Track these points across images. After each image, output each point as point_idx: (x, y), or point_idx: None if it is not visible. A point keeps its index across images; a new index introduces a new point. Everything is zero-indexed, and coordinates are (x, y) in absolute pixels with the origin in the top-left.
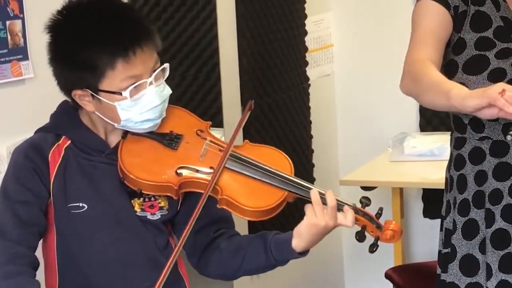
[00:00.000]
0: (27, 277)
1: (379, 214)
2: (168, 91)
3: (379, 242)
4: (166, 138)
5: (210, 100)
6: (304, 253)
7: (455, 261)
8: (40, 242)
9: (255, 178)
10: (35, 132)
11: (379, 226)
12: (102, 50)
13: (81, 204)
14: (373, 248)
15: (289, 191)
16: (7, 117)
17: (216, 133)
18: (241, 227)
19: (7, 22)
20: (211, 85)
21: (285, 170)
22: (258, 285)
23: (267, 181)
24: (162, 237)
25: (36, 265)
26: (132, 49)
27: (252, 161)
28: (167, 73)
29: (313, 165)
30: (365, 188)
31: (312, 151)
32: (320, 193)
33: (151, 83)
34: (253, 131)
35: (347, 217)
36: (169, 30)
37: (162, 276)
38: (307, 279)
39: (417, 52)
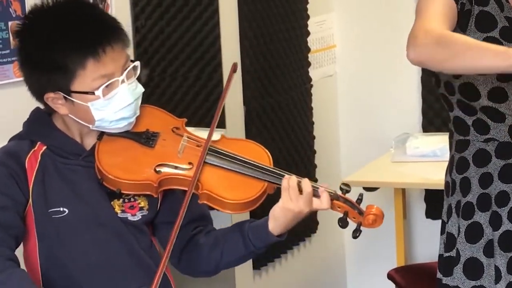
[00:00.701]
0: (13, 268)
1: (359, 199)
2: (140, 89)
3: (361, 228)
4: (142, 137)
5: (212, 100)
6: (281, 235)
7: (458, 264)
8: (21, 250)
9: (234, 171)
10: (9, 141)
11: (360, 212)
12: (71, 50)
13: (61, 209)
14: (356, 233)
15: (269, 181)
16: (9, 118)
17: (218, 133)
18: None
19: (9, 23)
20: (213, 86)
21: (263, 162)
22: (260, 285)
23: (246, 173)
24: (144, 238)
25: (17, 262)
26: (101, 47)
27: (230, 154)
28: (138, 71)
29: (315, 166)
30: (367, 189)
31: (315, 151)
32: (297, 180)
33: (123, 81)
34: (255, 132)
35: (322, 200)
36: (172, 30)
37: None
38: (309, 280)
39: (431, 24)
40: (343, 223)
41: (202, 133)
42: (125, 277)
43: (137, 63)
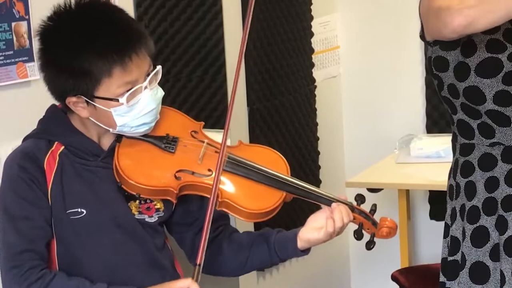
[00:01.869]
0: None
1: (373, 210)
2: (161, 93)
3: (375, 239)
4: (163, 142)
5: (216, 102)
6: (306, 250)
7: (464, 269)
8: None
9: (253, 180)
10: (24, 139)
11: (374, 223)
12: (98, 57)
13: (80, 210)
14: (370, 245)
15: (287, 191)
16: (12, 119)
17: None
18: (247, 225)
19: (13, 24)
20: (217, 87)
21: (281, 170)
22: (264, 287)
23: (266, 182)
24: (159, 238)
25: (51, 271)
26: (128, 55)
27: (250, 163)
28: (159, 76)
29: (319, 167)
30: (371, 190)
31: (319, 152)
32: (320, 196)
33: (146, 88)
34: (259, 133)
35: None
36: (175, 31)
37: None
38: (313, 281)
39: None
40: (358, 235)
41: (207, 134)
42: (141, 277)
43: (159, 68)
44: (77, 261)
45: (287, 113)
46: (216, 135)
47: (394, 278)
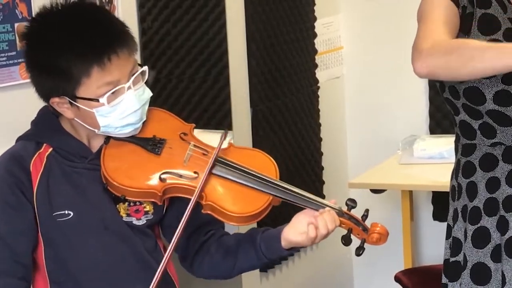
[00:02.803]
0: None
1: (365, 216)
2: (148, 93)
3: (365, 245)
4: (149, 143)
5: (219, 103)
6: (292, 249)
7: (466, 270)
8: None
9: (240, 183)
10: (17, 140)
11: (365, 229)
12: (76, 57)
13: (66, 212)
14: (359, 251)
15: (274, 195)
16: (15, 120)
17: (226, 140)
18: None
19: (16, 24)
20: (220, 88)
21: (270, 174)
22: (267, 286)
23: (252, 185)
24: (149, 241)
25: (29, 281)
26: (107, 55)
27: (237, 166)
28: (146, 76)
29: (322, 168)
30: (374, 191)
31: (322, 153)
32: (308, 200)
33: (129, 88)
34: (262, 134)
35: (328, 221)
36: (178, 32)
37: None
38: (316, 282)
39: (434, 34)
40: (346, 240)
41: (209, 135)
42: (131, 280)
43: (145, 68)
44: (66, 263)
45: (290, 114)
46: (219, 137)
47: (397, 279)
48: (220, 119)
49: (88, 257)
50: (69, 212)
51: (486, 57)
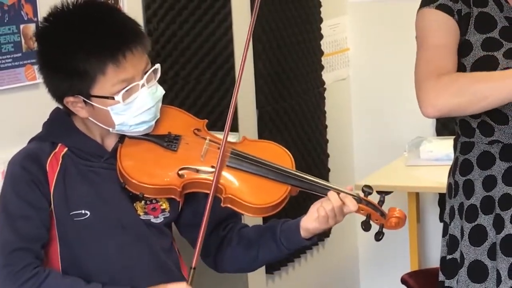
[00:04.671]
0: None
1: (381, 201)
2: (161, 91)
3: (384, 230)
4: (165, 140)
5: (225, 104)
6: (313, 238)
7: (463, 267)
8: None
9: (257, 174)
10: (29, 142)
11: (383, 214)
12: (90, 56)
13: (83, 211)
14: (379, 236)
15: (292, 185)
16: (20, 121)
17: (231, 137)
18: (256, 219)
19: (21, 26)
20: (226, 89)
21: (285, 164)
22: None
23: (270, 176)
24: (166, 240)
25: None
26: (121, 53)
27: (253, 157)
28: (158, 74)
29: (328, 170)
30: (381, 193)
31: (328, 155)
32: (326, 187)
33: (143, 85)
34: (269, 135)
35: (348, 205)
36: (184, 33)
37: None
38: (322, 284)
39: (436, 69)
40: (366, 226)
41: (217, 136)
42: (146, 279)
43: (158, 66)
44: (81, 262)
45: (296, 116)
46: (230, 138)
47: (403, 281)
48: (226, 120)
49: (103, 257)
50: (86, 212)
51: (493, 96)
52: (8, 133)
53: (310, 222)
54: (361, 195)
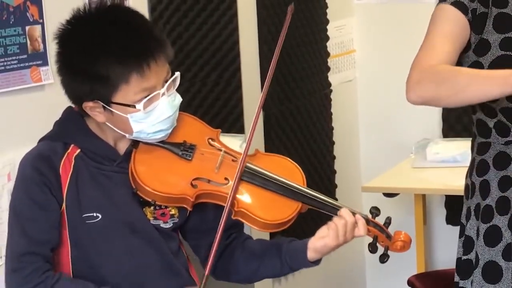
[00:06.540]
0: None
1: (387, 223)
2: (179, 99)
3: (389, 252)
4: (180, 148)
5: (231, 106)
6: (317, 261)
7: (477, 268)
8: None
9: (270, 190)
10: (39, 141)
11: (388, 236)
12: (115, 63)
13: (95, 214)
14: (384, 258)
15: (304, 202)
16: (26, 123)
17: (238, 139)
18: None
19: (27, 27)
20: (232, 91)
21: (297, 181)
22: None
23: (282, 193)
24: (174, 243)
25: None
26: (146, 62)
27: (267, 173)
28: (177, 82)
29: (335, 172)
30: (387, 195)
31: (334, 157)
32: (336, 207)
33: (163, 94)
34: (275, 137)
35: (360, 228)
36: (190, 35)
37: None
38: (329, 286)
39: (429, 59)
40: (372, 248)
41: (221, 138)
42: (156, 282)
43: (178, 74)
44: (93, 265)
45: (303, 117)
46: (231, 140)
47: (410, 283)
48: (232, 123)
49: (113, 259)
50: (98, 214)
51: (473, 88)
52: (14, 135)
53: (318, 241)
54: (369, 216)
